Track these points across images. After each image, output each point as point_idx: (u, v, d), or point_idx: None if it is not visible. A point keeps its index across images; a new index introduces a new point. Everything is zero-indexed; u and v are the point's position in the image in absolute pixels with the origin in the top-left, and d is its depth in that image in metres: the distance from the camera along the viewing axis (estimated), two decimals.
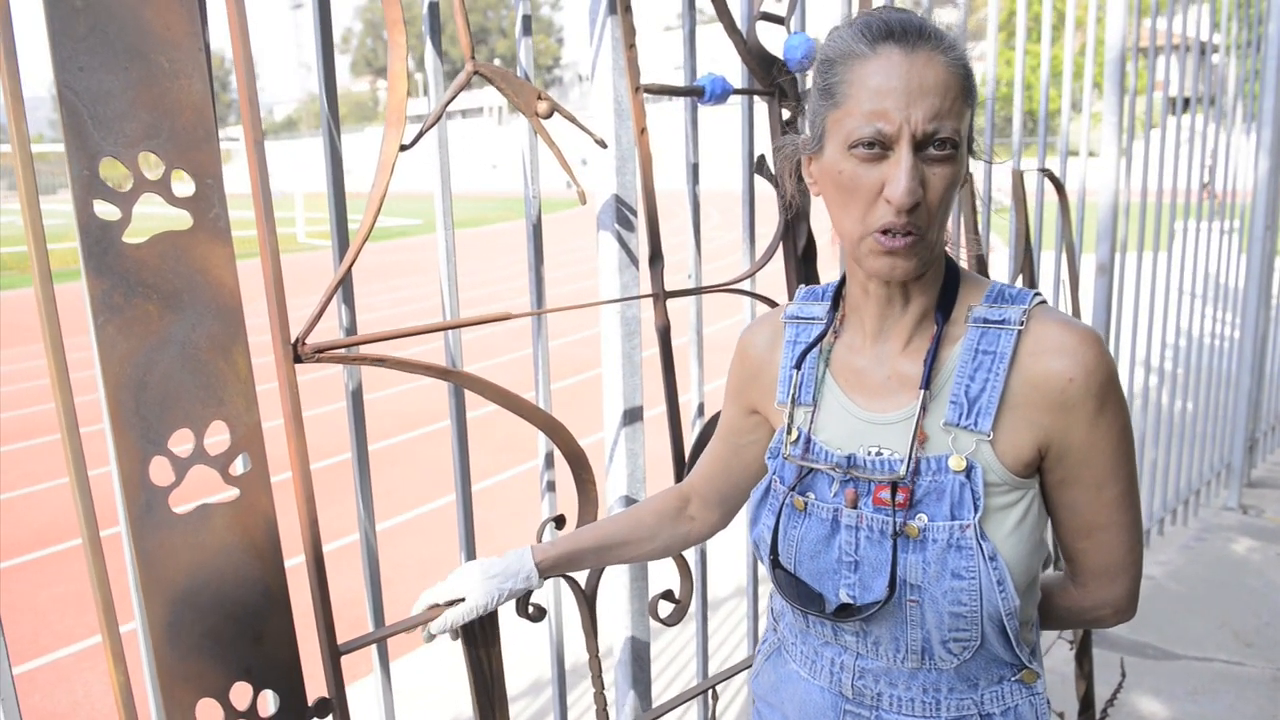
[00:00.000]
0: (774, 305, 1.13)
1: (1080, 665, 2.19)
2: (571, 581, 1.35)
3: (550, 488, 1.43)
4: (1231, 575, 3.37)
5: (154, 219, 0.93)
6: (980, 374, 0.91)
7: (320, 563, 1.07)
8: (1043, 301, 0.94)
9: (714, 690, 1.64)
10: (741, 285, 1.59)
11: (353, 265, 1.09)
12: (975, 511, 0.89)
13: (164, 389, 0.92)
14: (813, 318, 1.04)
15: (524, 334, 8.32)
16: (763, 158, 1.59)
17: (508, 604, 1.19)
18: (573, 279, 12.98)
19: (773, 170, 1.57)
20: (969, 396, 0.90)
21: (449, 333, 1.27)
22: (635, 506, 1.24)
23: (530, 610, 1.26)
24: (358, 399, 1.21)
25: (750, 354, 1.09)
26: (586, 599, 1.40)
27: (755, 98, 1.63)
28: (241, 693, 1.01)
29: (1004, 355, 0.90)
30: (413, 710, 2.84)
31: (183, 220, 0.93)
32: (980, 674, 0.96)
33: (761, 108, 1.62)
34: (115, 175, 0.88)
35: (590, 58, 1.44)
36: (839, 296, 1.02)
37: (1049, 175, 2.45)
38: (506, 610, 1.24)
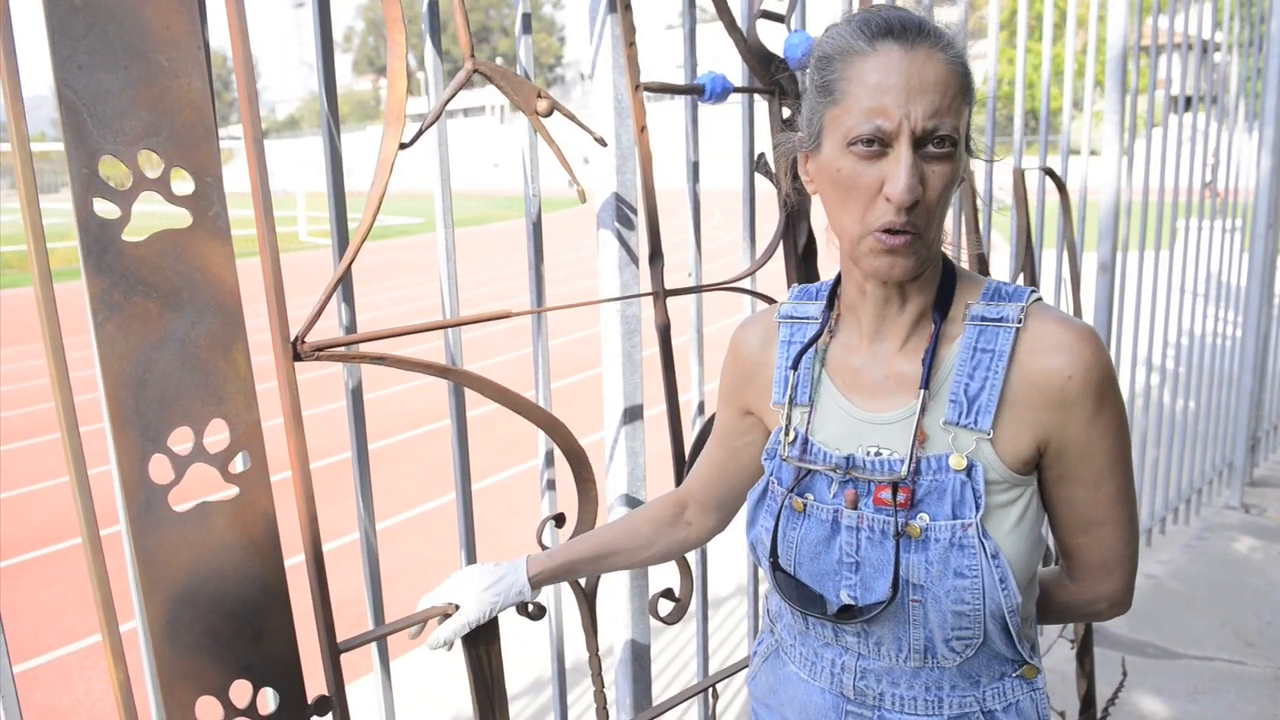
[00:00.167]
0: (774, 304, 1.12)
1: (1081, 664, 2.19)
2: (572, 581, 1.35)
3: (550, 486, 1.43)
4: (1233, 574, 3.37)
5: (154, 217, 0.93)
6: (979, 372, 0.90)
7: (320, 561, 1.07)
8: (1039, 299, 0.94)
9: (714, 689, 1.64)
10: (741, 284, 1.59)
11: (352, 264, 1.09)
12: (977, 510, 0.89)
13: (163, 387, 0.93)
14: (807, 317, 1.03)
15: (524, 332, 8.32)
16: (762, 156, 1.59)
17: None
18: (574, 278, 12.97)
19: (772, 169, 1.57)
20: (968, 395, 0.90)
21: (449, 331, 1.27)
22: (631, 514, 1.23)
23: (530, 609, 1.26)
24: (357, 397, 1.21)
25: (743, 354, 1.08)
26: (586, 598, 1.40)
27: (756, 96, 1.63)
28: (241, 691, 1.01)
29: (1003, 353, 0.90)
30: (413, 709, 2.84)
31: (182, 218, 0.93)
32: (982, 671, 0.96)
33: (762, 106, 1.62)
34: (115, 174, 0.88)
35: (590, 56, 1.44)
36: (834, 295, 1.02)
37: (1050, 174, 2.45)
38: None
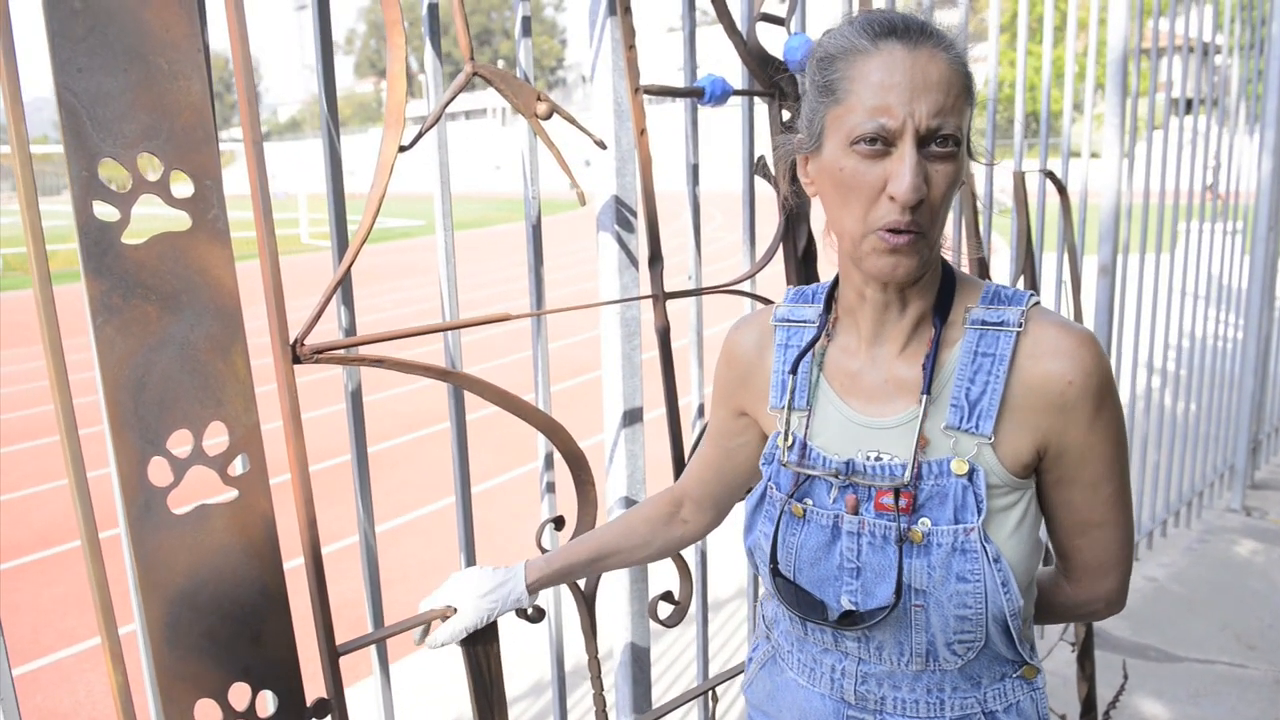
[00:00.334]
0: (769, 305, 1.12)
1: (1082, 667, 2.18)
2: (571, 583, 1.34)
3: (550, 489, 1.43)
4: (1234, 578, 3.36)
5: (153, 220, 0.93)
6: (980, 376, 0.90)
7: (319, 563, 1.07)
8: (1038, 302, 0.94)
9: (714, 692, 1.64)
10: (741, 286, 1.59)
11: (351, 266, 1.09)
12: (979, 514, 0.89)
13: (163, 390, 0.93)
14: (804, 320, 1.02)
15: (525, 335, 8.33)
16: (762, 159, 1.59)
17: None
18: (574, 280, 12.97)
19: (771, 171, 1.57)
20: (969, 399, 0.90)
21: (448, 334, 1.27)
22: (626, 514, 1.23)
23: (529, 612, 1.26)
24: (357, 400, 1.21)
25: (738, 356, 1.07)
26: (586, 601, 1.40)
27: (755, 99, 1.63)
28: (240, 693, 1.01)
29: (1003, 357, 0.90)
30: (412, 711, 2.84)
31: (182, 221, 0.94)
32: (983, 672, 0.96)
33: (762, 109, 1.62)
34: (114, 176, 0.88)
35: (590, 59, 1.44)
36: (831, 298, 1.01)
37: (1051, 177, 2.45)
38: None
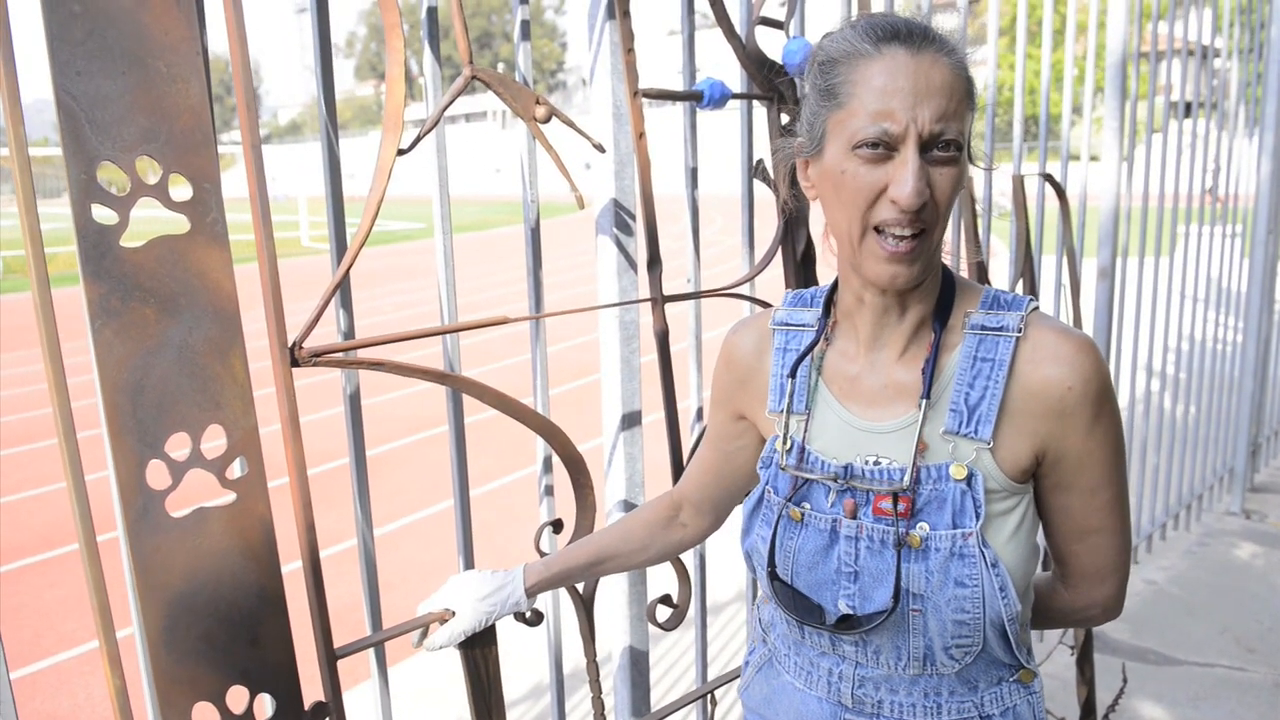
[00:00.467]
0: (767, 308, 1.12)
1: (1082, 671, 2.18)
2: (570, 587, 1.34)
3: (549, 492, 1.43)
4: (1234, 581, 3.36)
5: (152, 223, 0.93)
6: (979, 381, 0.90)
7: (317, 566, 1.07)
8: (1037, 307, 0.94)
9: (713, 695, 1.64)
10: (740, 289, 1.59)
11: (350, 269, 1.09)
12: (977, 519, 0.89)
13: (161, 393, 0.93)
14: (803, 324, 1.02)
15: (523, 338, 8.32)
16: (760, 162, 1.59)
17: None
18: (575, 283, 12.97)
19: (770, 175, 1.57)
20: (969, 404, 0.90)
21: (447, 337, 1.27)
22: (625, 518, 1.23)
23: (528, 615, 1.26)
24: (355, 403, 1.21)
25: (736, 359, 1.07)
26: (584, 604, 1.40)
27: (754, 102, 1.63)
28: (238, 697, 1.01)
29: (1003, 362, 0.90)
30: (411, 715, 2.83)
31: (180, 224, 0.94)
32: (980, 676, 0.96)
33: (761, 112, 1.62)
34: (113, 179, 0.88)
35: (589, 62, 1.44)
36: (829, 302, 1.01)
37: (1050, 180, 2.45)
38: None
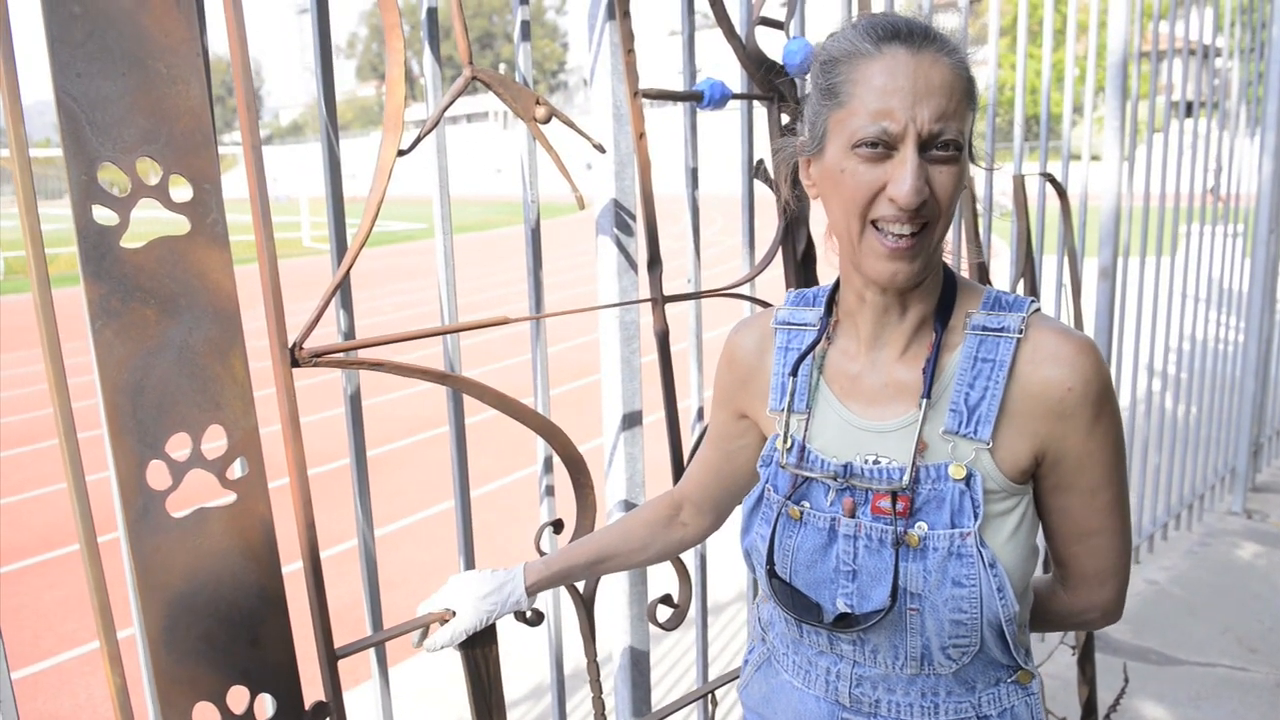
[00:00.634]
0: (769, 307, 1.12)
1: (1083, 671, 2.18)
2: (570, 587, 1.34)
3: (549, 492, 1.43)
4: (1235, 580, 3.36)
5: (152, 224, 0.93)
6: (980, 382, 0.90)
7: (317, 566, 1.07)
8: (1038, 309, 0.94)
9: (713, 695, 1.64)
10: (740, 289, 1.59)
11: (350, 269, 1.09)
12: (975, 519, 0.89)
13: (161, 393, 0.93)
14: (804, 323, 1.03)
15: (524, 339, 8.32)
16: (761, 162, 1.59)
17: None
18: (573, 284, 12.97)
19: (771, 175, 1.57)
20: (969, 404, 0.90)
21: (447, 337, 1.27)
22: (626, 517, 1.23)
23: (528, 615, 1.26)
24: (356, 403, 1.21)
25: (738, 358, 1.08)
26: (585, 604, 1.40)
27: (755, 102, 1.63)
28: (238, 697, 1.01)
29: (1003, 363, 0.90)
30: (411, 715, 2.83)
31: (180, 225, 0.94)
32: (978, 677, 0.96)
33: (761, 112, 1.62)
34: (114, 180, 0.88)
35: (590, 63, 1.44)
36: (831, 301, 1.01)
37: (1051, 180, 2.45)
38: None
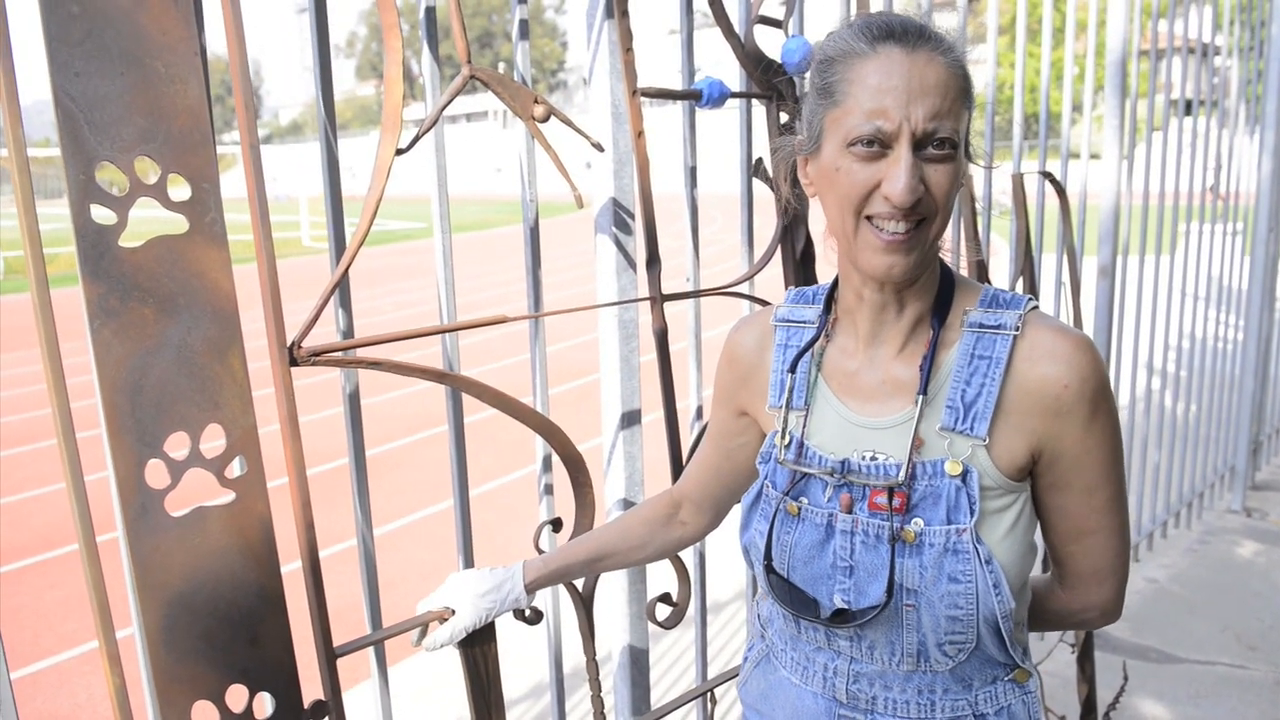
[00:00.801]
0: (769, 306, 1.12)
1: (1082, 669, 2.18)
2: (569, 585, 1.34)
3: (548, 491, 1.43)
4: (1235, 579, 3.36)
5: (151, 223, 0.93)
6: (976, 379, 0.91)
7: (316, 565, 1.07)
8: (1036, 306, 0.94)
9: (712, 693, 1.64)
10: (739, 288, 1.59)
11: (349, 269, 1.09)
12: (971, 516, 0.89)
13: (160, 392, 0.93)
14: (804, 321, 1.03)
15: (523, 338, 8.33)
16: (760, 161, 1.59)
17: None
18: (572, 283, 12.97)
19: (770, 174, 1.57)
20: (965, 401, 0.90)
21: (446, 336, 1.27)
22: (625, 515, 1.23)
23: (527, 613, 1.26)
24: (354, 402, 1.21)
25: (739, 356, 1.08)
26: (584, 602, 1.40)
27: (753, 101, 1.63)
28: (237, 695, 1.01)
29: (1000, 360, 0.90)
30: (410, 714, 2.84)
31: (179, 224, 0.94)
32: (975, 675, 0.96)
33: (760, 111, 1.62)
34: (112, 180, 0.88)
35: (588, 62, 1.44)
36: (830, 299, 1.02)
37: (1049, 178, 2.45)
38: None
